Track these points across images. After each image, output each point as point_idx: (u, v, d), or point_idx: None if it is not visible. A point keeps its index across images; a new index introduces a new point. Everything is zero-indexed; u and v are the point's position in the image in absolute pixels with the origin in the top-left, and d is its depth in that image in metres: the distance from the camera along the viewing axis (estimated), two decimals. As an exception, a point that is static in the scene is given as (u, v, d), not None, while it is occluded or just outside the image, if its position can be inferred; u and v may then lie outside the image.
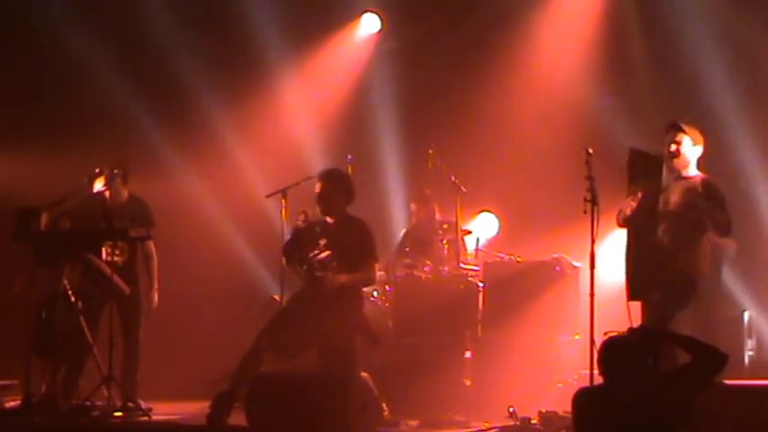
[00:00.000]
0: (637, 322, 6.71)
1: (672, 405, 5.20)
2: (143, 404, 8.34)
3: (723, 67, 9.92)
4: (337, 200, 7.74)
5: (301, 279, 7.85)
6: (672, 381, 5.28)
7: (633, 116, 9.98)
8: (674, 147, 7.32)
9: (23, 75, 10.37)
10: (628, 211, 7.25)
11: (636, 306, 7.24)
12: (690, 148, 7.35)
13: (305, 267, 7.72)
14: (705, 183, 7.28)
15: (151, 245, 8.82)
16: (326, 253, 7.66)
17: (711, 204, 7.17)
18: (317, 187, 7.75)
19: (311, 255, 7.69)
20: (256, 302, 9.56)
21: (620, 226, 7.40)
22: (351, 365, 7.58)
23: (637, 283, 7.16)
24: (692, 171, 7.36)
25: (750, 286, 9.44)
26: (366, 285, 8.03)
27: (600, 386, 5.40)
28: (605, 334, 5.55)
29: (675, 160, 7.32)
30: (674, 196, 7.29)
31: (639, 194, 7.18)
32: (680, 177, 7.34)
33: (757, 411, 6.66)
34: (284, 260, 7.98)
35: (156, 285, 8.85)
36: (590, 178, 7.07)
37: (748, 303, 9.39)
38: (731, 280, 9.33)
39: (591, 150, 7.13)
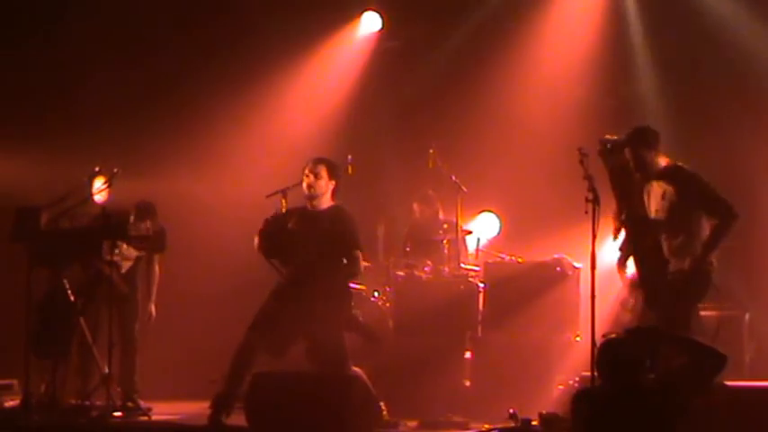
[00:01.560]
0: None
1: (671, 406, 5.18)
2: (143, 404, 8.33)
3: (725, 66, 9.91)
4: (324, 186, 7.71)
5: (281, 275, 7.79)
6: (670, 381, 5.26)
7: (635, 116, 9.96)
8: (632, 163, 7.30)
9: (24, 75, 10.36)
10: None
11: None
12: (647, 155, 7.30)
13: (290, 268, 7.73)
14: (675, 176, 7.23)
15: (155, 260, 8.88)
16: (310, 252, 7.63)
17: (693, 195, 7.15)
18: (306, 172, 7.72)
19: (296, 258, 7.66)
20: (256, 303, 9.52)
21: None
22: (341, 362, 7.55)
23: (652, 293, 7.15)
24: (662, 163, 7.32)
25: (751, 287, 9.41)
26: (351, 277, 7.91)
27: (599, 388, 5.38)
28: (603, 335, 5.52)
29: (644, 172, 7.30)
30: (654, 203, 7.27)
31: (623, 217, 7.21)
32: (655, 175, 7.31)
33: (758, 412, 6.64)
34: (257, 247, 7.87)
35: (153, 298, 8.88)
36: (588, 178, 7.04)
37: (749, 304, 9.36)
38: (732, 280, 9.34)
39: (585, 150, 7.09)
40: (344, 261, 7.63)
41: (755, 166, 9.62)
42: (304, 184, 7.74)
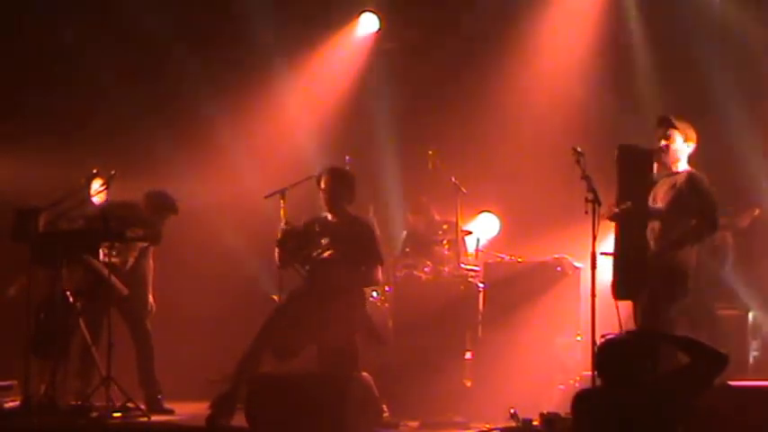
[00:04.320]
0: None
1: (672, 406, 5.17)
2: (168, 407, 8.51)
3: (724, 65, 9.90)
4: (340, 196, 7.79)
5: (301, 277, 7.86)
6: (671, 382, 5.25)
7: (635, 115, 9.95)
8: (663, 142, 7.27)
9: (24, 75, 10.36)
10: (613, 212, 7.18)
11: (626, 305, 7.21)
12: (680, 145, 7.30)
13: (307, 267, 7.77)
14: (689, 176, 7.24)
15: (150, 251, 8.85)
16: (329, 252, 7.69)
17: (695, 199, 7.14)
18: (323, 182, 7.82)
19: (314, 254, 7.73)
20: (255, 303, 9.53)
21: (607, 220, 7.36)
22: (352, 364, 7.59)
23: (623, 283, 7.10)
24: (682, 166, 7.32)
25: (754, 287, 9.40)
26: (367, 285, 8.05)
27: (599, 388, 5.36)
28: (602, 336, 5.50)
29: (665, 156, 7.28)
30: (661, 195, 7.26)
31: (629, 204, 7.11)
32: (669, 173, 7.31)
33: (762, 412, 6.62)
34: (278, 260, 7.95)
35: (150, 290, 8.86)
36: (586, 178, 7.01)
37: (753, 304, 9.35)
38: (736, 280, 9.33)
39: (580, 149, 7.06)
40: (363, 269, 7.74)
41: (757, 165, 9.61)
42: (321, 196, 7.81)
